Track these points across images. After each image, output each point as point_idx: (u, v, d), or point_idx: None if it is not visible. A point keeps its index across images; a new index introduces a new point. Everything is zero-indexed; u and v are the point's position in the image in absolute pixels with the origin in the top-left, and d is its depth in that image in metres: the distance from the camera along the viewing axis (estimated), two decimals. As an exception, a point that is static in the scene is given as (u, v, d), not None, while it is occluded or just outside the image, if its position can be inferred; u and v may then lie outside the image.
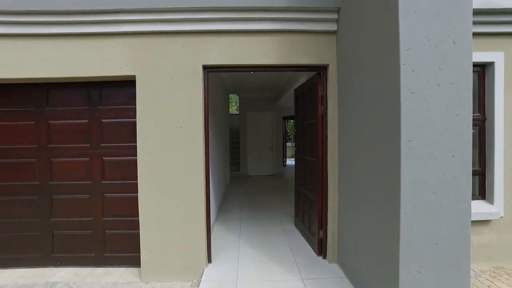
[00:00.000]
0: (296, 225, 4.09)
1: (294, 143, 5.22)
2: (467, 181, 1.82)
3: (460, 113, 1.79)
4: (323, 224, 3.09)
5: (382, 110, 2.00)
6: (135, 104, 2.97)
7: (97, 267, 3.17)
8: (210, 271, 2.88)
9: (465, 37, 1.78)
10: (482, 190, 3.14)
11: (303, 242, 3.54)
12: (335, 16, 2.87)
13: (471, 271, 2.90)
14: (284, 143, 10.61)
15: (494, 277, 2.78)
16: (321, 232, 3.11)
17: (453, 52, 1.78)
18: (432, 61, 1.78)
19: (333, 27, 2.92)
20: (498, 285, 2.64)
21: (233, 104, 17.55)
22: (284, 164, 10.58)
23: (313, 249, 3.27)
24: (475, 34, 2.93)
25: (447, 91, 1.79)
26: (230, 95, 10.87)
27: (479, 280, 2.74)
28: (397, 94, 1.80)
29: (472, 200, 3.13)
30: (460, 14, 1.77)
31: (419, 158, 1.79)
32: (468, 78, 1.79)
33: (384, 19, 1.96)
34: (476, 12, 2.82)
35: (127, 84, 3.02)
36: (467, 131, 1.80)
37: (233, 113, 12.62)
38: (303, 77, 4.72)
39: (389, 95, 1.89)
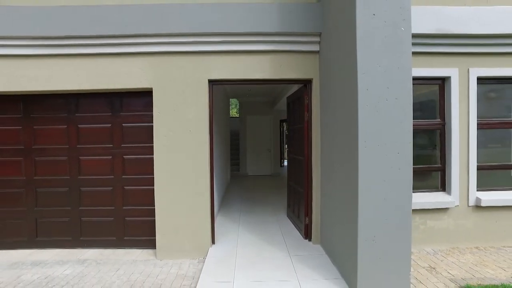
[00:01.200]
0: (288, 215, 4.68)
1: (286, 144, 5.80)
2: (409, 172, 2.41)
3: (403, 121, 2.39)
4: (308, 212, 3.68)
5: (348, 118, 2.60)
6: (151, 111, 3.57)
7: (118, 248, 3.75)
8: (213, 250, 3.47)
9: (406, 64, 2.38)
10: (442, 184, 3.73)
11: (293, 228, 4.14)
12: (317, 39, 3.48)
13: (431, 249, 3.50)
14: (282, 144, 11.17)
15: (448, 254, 3.37)
16: (307, 219, 3.70)
17: (398, 75, 2.38)
18: (382, 82, 2.38)
19: (316, 47, 3.52)
20: (449, 259, 3.23)
21: (233, 106, 18.12)
22: (281, 165, 11.14)
23: (300, 234, 3.86)
24: (435, 53, 3.58)
25: (393, 104, 2.39)
26: (231, 99, 11.47)
27: (435, 256, 3.33)
28: (356, 107, 2.40)
29: (434, 192, 3.78)
30: (402, 47, 2.37)
31: (373, 154, 2.39)
32: (408, 94, 2.39)
33: (347, 49, 2.57)
34: (433, 36, 3.43)
35: (144, 94, 3.62)
36: (408, 134, 2.39)
37: (234, 116, 13.22)
38: (294, 86, 5.32)
39: (352, 107, 2.49)
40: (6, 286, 2.85)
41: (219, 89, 6.09)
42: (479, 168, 3.66)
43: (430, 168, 3.75)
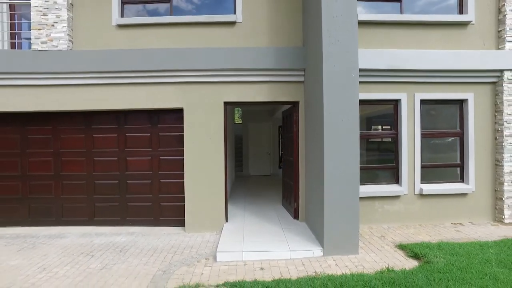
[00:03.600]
0: (283, 204, 5.97)
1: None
2: (357, 167, 3.69)
3: (353, 133, 3.69)
4: (296, 199, 4.96)
5: (318, 131, 3.90)
6: (181, 124, 4.87)
7: (155, 226, 5.03)
8: (227, 225, 4.75)
9: (355, 97, 3.68)
10: (396, 178, 5.02)
11: (286, 213, 5.42)
12: (302, 72, 4.79)
13: (386, 226, 4.77)
14: (280, 148, 12.45)
15: (397, 229, 4.65)
16: (295, 204, 4.98)
17: (350, 105, 3.68)
18: (340, 109, 3.68)
19: (301, 78, 4.84)
20: (397, 232, 4.51)
21: (236, 112, 19.37)
22: (280, 167, 12.42)
23: (291, 215, 5.14)
24: (389, 82, 4.89)
25: (347, 123, 3.69)
26: (235, 108, 12.76)
27: (388, 230, 4.60)
28: (322, 124, 3.70)
29: (390, 184, 5.02)
30: (352, 87, 3.68)
31: (334, 156, 3.68)
32: (356, 116, 3.69)
33: (318, 85, 3.88)
34: (388, 70, 4.73)
35: (176, 112, 4.93)
36: (356, 142, 3.69)
37: (237, 122, 14.50)
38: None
39: (320, 124, 3.79)
40: (85, 246, 4.15)
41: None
42: (422, 167, 4.95)
43: (386, 166, 5.05)
